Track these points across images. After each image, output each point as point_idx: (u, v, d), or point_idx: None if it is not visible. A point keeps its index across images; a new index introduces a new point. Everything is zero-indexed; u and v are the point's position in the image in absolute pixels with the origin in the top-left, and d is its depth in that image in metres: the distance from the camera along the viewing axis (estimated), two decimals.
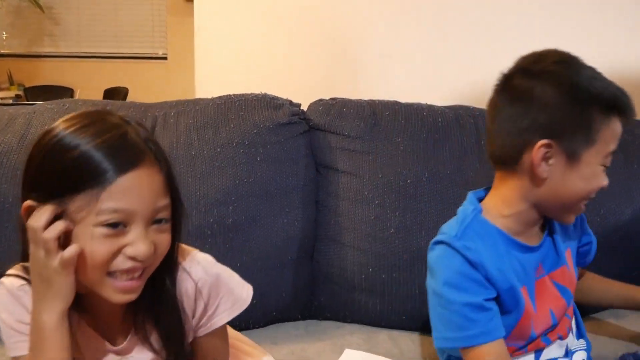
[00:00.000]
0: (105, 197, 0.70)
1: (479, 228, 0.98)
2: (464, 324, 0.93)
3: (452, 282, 0.94)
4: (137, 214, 0.73)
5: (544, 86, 0.95)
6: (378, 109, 1.50)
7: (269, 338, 1.29)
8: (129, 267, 0.74)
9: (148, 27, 5.15)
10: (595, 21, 1.86)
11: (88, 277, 0.74)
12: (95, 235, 0.71)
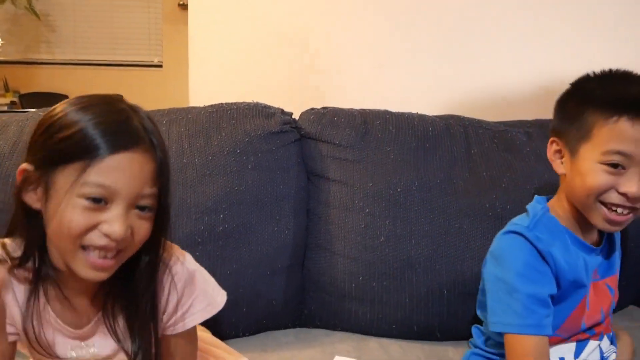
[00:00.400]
0: (93, 171, 0.73)
1: (549, 224, 1.03)
2: (523, 313, 0.97)
3: (521, 271, 0.98)
4: (120, 194, 0.74)
5: (568, 93, 1.09)
6: (369, 118, 1.51)
7: (259, 346, 1.30)
8: (102, 245, 0.75)
9: (144, 35, 5.16)
10: (585, 34, 1.88)
11: (62, 247, 0.76)
12: (77, 205, 0.73)
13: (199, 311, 0.93)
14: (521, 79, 1.90)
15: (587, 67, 1.89)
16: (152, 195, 0.78)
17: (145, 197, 0.77)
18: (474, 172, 1.45)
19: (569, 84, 1.11)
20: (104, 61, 5.12)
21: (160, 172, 0.79)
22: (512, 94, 1.91)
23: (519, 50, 1.90)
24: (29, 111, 1.43)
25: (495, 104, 1.91)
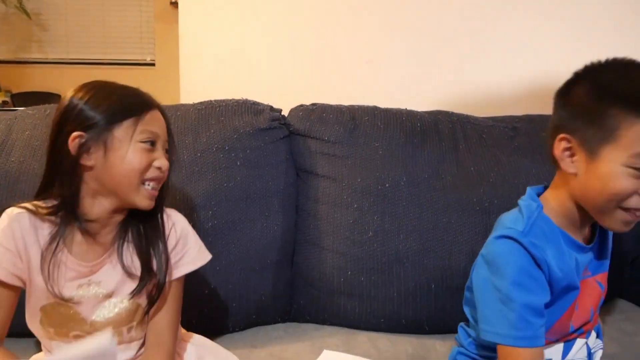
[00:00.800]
0: (144, 122, 0.96)
1: (544, 226, 0.98)
2: (518, 324, 0.93)
3: (517, 280, 0.94)
4: (160, 137, 0.99)
5: (580, 86, 0.98)
6: (357, 114, 1.52)
7: (248, 341, 1.31)
8: (156, 176, 0.97)
9: (136, 33, 5.15)
10: (574, 31, 1.89)
11: (127, 185, 0.95)
12: (138, 149, 0.95)
13: (191, 261, 1.06)
14: (510, 75, 1.92)
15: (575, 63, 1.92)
16: (168, 141, 1.02)
17: (166, 143, 1.01)
18: (462, 167, 1.46)
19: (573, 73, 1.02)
20: (96, 60, 5.11)
21: (169, 126, 1.03)
22: (501, 90, 1.92)
23: (508, 47, 1.91)
24: (17, 109, 1.44)
25: (484, 99, 1.92)
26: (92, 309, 0.99)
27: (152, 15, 5.08)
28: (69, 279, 0.97)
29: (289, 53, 1.93)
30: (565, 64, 1.94)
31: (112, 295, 1.00)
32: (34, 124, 1.36)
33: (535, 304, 0.94)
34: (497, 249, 0.99)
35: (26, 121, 1.37)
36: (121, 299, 1.00)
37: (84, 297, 0.98)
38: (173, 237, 1.04)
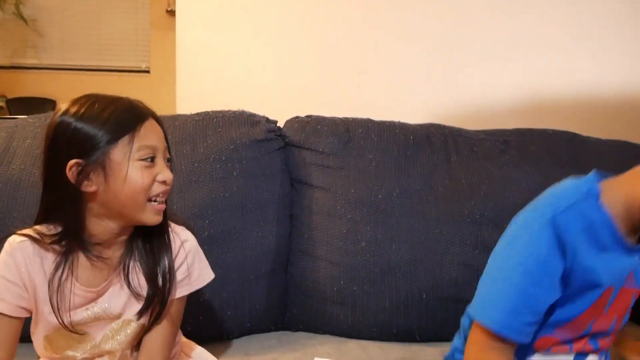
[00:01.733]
0: (140, 138, 0.92)
1: (588, 211, 0.86)
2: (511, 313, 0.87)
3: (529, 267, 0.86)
4: (159, 149, 0.95)
5: None
6: (352, 126, 1.55)
7: (242, 349, 1.32)
8: (162, 190, 0.94)
9: (131, 40, 5.17)
10: (566, 47, 1.93)
11: (133, 204, 0.92)
12: (138, 167, 0.91)
13: (193, 281, 1.05)
14: (501, 89, 1.95)
15: (566, 78, 1.96)
16: (167, 150, 0.98)
17: (166, 151, 0.97)
18: (454, 179, 1.49)
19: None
20: (91, 66, 5.12)
21: (165, 132, 0.99)
22: (492, 103, 1.96)
23: (500, 61, 1.95)
24: (17, 118, 1.46)
25: (475, 113, 1.95)
26: (100, 330, 0.98)
27: (147, 23, 5.11)
28: (76, 305, 0.96)
29: (285, 64, 1.96)
30: (555, 79, 2.00)
31: (120, 316, 0.99)
32: (34, 132, 1.38)
33: (536, 299, 0.87)
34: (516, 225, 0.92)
35: (27, 129, 1.39)
36: (128, 321, 0.99)
37: (92, 320, 0.97)
38: (182, 255, 1.03)
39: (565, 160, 1.56)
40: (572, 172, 1.52)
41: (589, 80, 1.96)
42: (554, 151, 1.57)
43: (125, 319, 0.99)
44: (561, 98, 1.95)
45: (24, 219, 1.26)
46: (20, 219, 1.27)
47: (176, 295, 1.03)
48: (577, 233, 0.84)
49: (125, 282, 0.98)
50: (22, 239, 0.93)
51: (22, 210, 1.28)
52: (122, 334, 0.99)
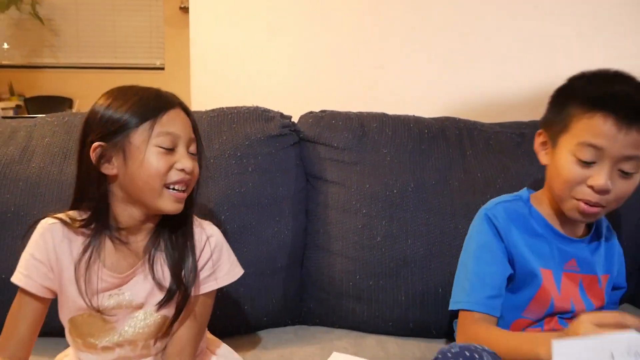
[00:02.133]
0: (160, 125, 0.95)
1: (518, 208, 1.12)
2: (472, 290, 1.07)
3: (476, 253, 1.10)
4: (181, 137, 0.96)
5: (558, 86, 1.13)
6: (366, 120, 1.55)
7: (259, 343, 1.34)
8: (180, 179, 0.96)
9: (146, 38, 5.21)
10: (581, 36, 1.91)
11: (150, 190, 0.95)
12: (155, 153, 0.94)
13: (222, 276, 1.08)
14: (517, 81, 1.94)
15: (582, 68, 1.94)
16: (195, 142, 1.00)
17: (192, 142, 0.99)
18: (469, 173, 1.48)
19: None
20: (106, 64, 5.17)
21: (194, 124, 1.01)
22: (508, 96, 1.95)
23: (515, 53, 1.93)
24: (37, 117, 1.48)
25: (491, 105, 1.94)
26: (123, 319, 1.00)
27: (161, 20, 5.14)
28: (101, 290, 0.99)
29: (299, 59, 1.96)
30: (572, 70, 1.96)
31: (142, 306, 1.01)
32: (53, 130, 1.40)
33: (490, 275, 1.06)
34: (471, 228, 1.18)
35: (45, 128, 1.41)
36: (151, 311, 1.01)
37: (115, 307, 0.99)
38: (207, 251, 1.05)
39: None
40: None
41: None
42: None
43: (148, 310, 1.01)
44: None
45: None
46: (39, 216, 1.26)
47: (202, 291, 1.05)
48: (505, 221, 1.09)
49: (150, 272, 1.00)
50: (53, 221, 0.98)
51: (41, 207, 1.30)
52: (144, 325, 1.01)
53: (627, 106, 0.97)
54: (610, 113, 0.97)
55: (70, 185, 1.29)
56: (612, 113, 0.97)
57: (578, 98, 1.02)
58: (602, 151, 0.97)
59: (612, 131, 0.96)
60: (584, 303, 1.07)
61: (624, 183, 0.99)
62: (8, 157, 1.35)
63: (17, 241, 1.28)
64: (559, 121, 1.05)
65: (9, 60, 5.10)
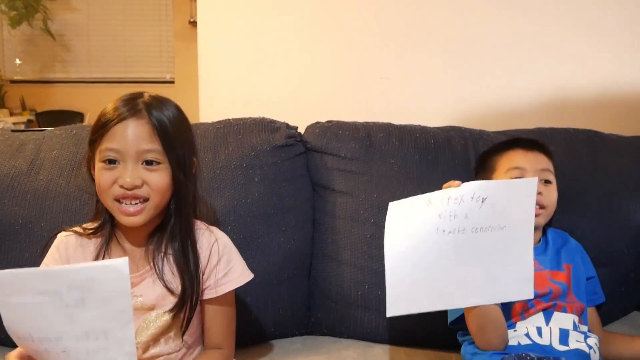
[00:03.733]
0: (105, 140, 0.96)
1: None
2: None
3: None
4: (125, 153, 0.96)
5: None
6: (372, 130, 1.55)
7: (266, 353, 1.33)
8: (121, 194, 0.96)
9: (156, 52, 5.27)
10: (586, 46, 1.91)
11: (105, 203, 0.99)
12: (100, 168, 0.97)
13: (236, 277, 1.10)
14: (522, 89, 1.94)
15: (586, 77, 1.94)
16: (155, 151, 0.97)
17: (147, 152, 0.97)
18: None
19: None
20: (117, 78, 5.23)
21: (156, 131, 0.97)
22: (512, 104, 1.94)
23: (520, 62, 1.93)
24: (45, 130, 1.49)
25: (495, 114, 1.94)
26: (136, 321, 1.01)
27: (171, 35, 5.20)
28: None
29: (306, 71, 1.98)
30: (576, 78, 1.97)
31: (154, 308, 1.03)
32: (61, 143, 1.41)
33: None
34: None
35: (54, 141, 1.42)
36: (162, 312, 1.04)
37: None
38: (215, 255, 1.08)
39: (585, 159, 1.55)
40: (590, 170, 1.52)
41: (610, 78, 1.93)
42: (573, 150, 1.56)
43: (159, 312, 1.03)
44: (583, 97, 1.93)
45: (51, 229, 1.29)
46: (48, 228, 1.30)
47: (220, 292, 1.08)
48: None
49: (159, 277, 1.03)
50: (68, 234, 1.05)
51: (49, 220, 1.31)
52: (155, 326, 1.03)
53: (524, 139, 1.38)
54: (519, 147, 1.35)
55: (77, 198, 1.32)
56: (520, 146, 1.35)
57: (494, 152, 1.39)
58: (523, 170, 1.30)
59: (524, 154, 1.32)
60: (556, 284, 1.25)
61: (548, 188, 1.29)
62: (16, 170, 1.36)
63: (25, 253, 1.31)
64: (489, 169, 1.37)
65: (20, 75, 5.18)
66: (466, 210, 1.05)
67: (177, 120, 1.02)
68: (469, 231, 1.06)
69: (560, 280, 1.27)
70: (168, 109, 1.02)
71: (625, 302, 1.53)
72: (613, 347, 1.32)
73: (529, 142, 1.37)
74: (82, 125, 1.53)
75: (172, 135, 0.99)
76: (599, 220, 1.48)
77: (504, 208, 1.06)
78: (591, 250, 1.39)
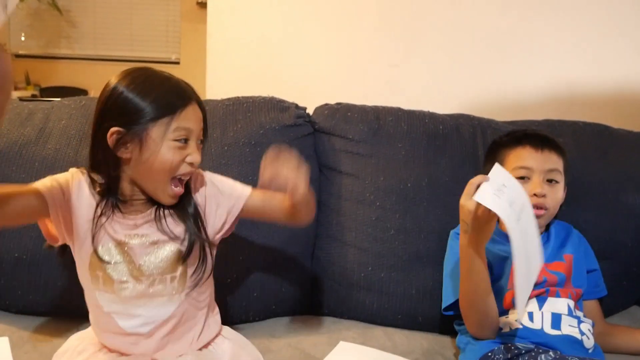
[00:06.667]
0: (177, 121, 0.98)
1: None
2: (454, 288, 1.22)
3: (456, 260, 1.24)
4: (193, 132, 1.01)
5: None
6: (381, 114, 1.55)
7: (268, 331, 1.34)
8: (188, 171, 1.02)
9: (162, 32, 5.23)
10: (593, 38, 1.90)
11: (155, 182, 1.01)
12: (171, 147, 0.98)
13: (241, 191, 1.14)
14: (531, 80, 1.94)
15: (594, 69, 1.93)
16: (202, 132, 1.05)
17: (201, 134, 1.04)
18: (481, 173, 1.47)
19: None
20: (122, 57, 5.19)
21: (204, 117, 1.05)
22: (521, 94, 1.94)
23: (529, 53, 1.93)
24: (54, 100, 1.49)
25: (504, 104, 1.94)
26: (140, 254, 1.04)
27: (178, 15, 5.17)
28: (117, 230, 1.03)
29: (316, 53, 1.97)
30: (584, 71, 1.97)
31: (157, 243, 1.04)
32: (69, 113, 1.41)
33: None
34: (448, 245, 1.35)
35: (62, 111, 1.42)
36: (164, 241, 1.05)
37: (132, 243, 1.03)
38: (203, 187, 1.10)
39: (593, 153, 1.55)
40: (598, 164, 1.52)
41: (621, 74, 1.93)
42: (582, 143, 1.56)
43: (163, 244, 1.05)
44: (593, 91, 1.93)
45: None
46: None
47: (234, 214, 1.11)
48: None
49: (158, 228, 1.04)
50: (83, 173, 1.05)
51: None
52: (160, 256, 1.05)
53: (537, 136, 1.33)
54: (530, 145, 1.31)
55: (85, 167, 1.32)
56: (531, 144, 1.31)
57: (504, 144, 1.35)
58: (530, 170, 1.28)
59: (535, 153, 1.30)
60: (552, 274, 1.27)
61: (552, 189, 1.28)
62: (25, 138, 1.36)
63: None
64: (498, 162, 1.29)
65: (25, 50, 5.14)
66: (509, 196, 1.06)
67: None
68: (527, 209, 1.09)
69: (559, 270, 1.28)
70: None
71: (626, 296, 1.54)
72: (615, 339, 1.33)
73: (540, 139, 1.32)
74: (90, 97, 1.53)
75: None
76: (603, 213, 1.49)
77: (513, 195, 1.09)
78: (595, 243, 1.39)
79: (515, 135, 1.36)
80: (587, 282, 1.33)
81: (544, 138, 1.33)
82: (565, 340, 1.16)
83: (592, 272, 1.36)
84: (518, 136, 1.35)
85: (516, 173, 1.28)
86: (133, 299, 1.04)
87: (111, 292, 1.03)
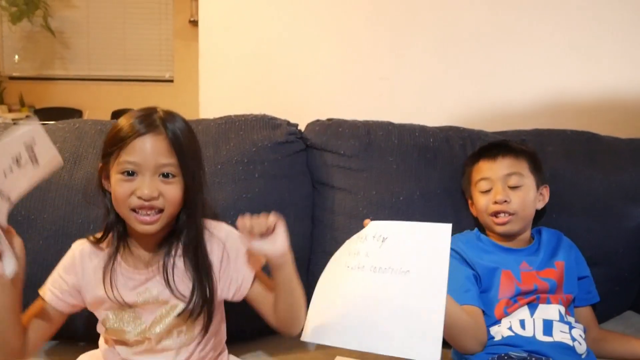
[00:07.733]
0: (124, 153, 0.99)
1: (469, 238, 1.38)
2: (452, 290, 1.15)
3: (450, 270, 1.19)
4: (143, 166, 0.99)
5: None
6: (372, 129, 1.57)
7: (263, 348, 1.35)
8: (139, 204, 1.00)
9: (155, 51, 5.27)
10: (583, 48, 1.92)
11: (120, 212, 1.02)
12: (117, 180, 1.00)
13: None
14: (519, 90, 1.95)
15: (584, 79, 1.95)
16: (171, 165, 1.01)
17: (165, 166, 1.00)
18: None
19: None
20: (116, 76, 5.23)
21: (173, 146, 1.00)
22: (510, 104, 1.96)
23: (520, 64, 1.94)
24: (48, 123, 1.50)
25: (494, 114, 1.96)
26: (150, 313, 1.07)
27: (171, 34, 5.20)
28: (129, 288, 1.06)
29: (307, 69, 1.99)
30: (573, 80, 1.98)
31: (167, 302, 1.07)
32: (64, 137, 1.42)
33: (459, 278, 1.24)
34: None
35: (57, 134, 1.42)
36: (174, 305, 1.07)
37: (144, 303, 1.06)
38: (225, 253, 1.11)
39: (582, 161, 1.56)
40: (588, 171, 1.53)
41: (609, 81, 1.95)
42: (571, 151, 1.57)
43: (172, 304, 1.07)
44: (581, 99, 1.94)
45: (54, 220, 1.31)
46: (50, 220, 1.31)
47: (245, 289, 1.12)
48: (464, 245, 1.33)
49: (164, 282, 1.06)
50: (82, 241, 1.10)
51: (52, 211, 1.32)
52: (169, 319, 1.07)
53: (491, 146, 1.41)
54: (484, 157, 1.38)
55: (79, 191, 1.33)
56: (485, 156, 1.38)
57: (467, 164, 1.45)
58: (489, 180, 1.35)
59: (489, 164, 1.36)
60: (543, 281, 1.28)
61: (516, 194, 1.32)
62: None
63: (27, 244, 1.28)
64: (467, 181, 1.44)
65: (19, 72, 5.17)
66: (367, 248, 1.08)
67: (189, 134, 1.06)
68: (367, 269, 1.05)
69: (550, 277, 1.29)
70: (180, 124, 1.05)
71: (619, 302, 1.55)
72: (609, 345, 1.35)
73: (494, 148, 1.39)
74: (84, 120, 1.54)
75: (186, 149, 1.03)
76: (594, 220, 1.50)
77: (407, 251, 1.03)
78: (586, 249, 1.41)
79: (474, 152, 1.45)
80: (579, 289, 1.34)
81: (496, 146, 1.40)
82: (557, 347, 1.17)
83: (584, 278, 1.38)
84: (475, 152, 1.44)
85: (480, 187, 1.36)
86: (143, 353, 1.09)
87: (121, 345, 1.10)
